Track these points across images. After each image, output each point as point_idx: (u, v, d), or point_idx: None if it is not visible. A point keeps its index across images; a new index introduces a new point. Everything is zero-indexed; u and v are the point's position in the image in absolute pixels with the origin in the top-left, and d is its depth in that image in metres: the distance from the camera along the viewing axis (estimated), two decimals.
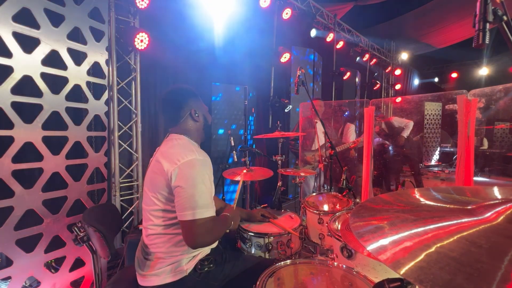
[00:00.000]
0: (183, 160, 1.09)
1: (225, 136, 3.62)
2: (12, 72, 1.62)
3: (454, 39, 7.01)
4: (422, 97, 6.18)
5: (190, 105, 1.28)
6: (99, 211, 1.38)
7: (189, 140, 1.25)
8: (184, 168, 1.08)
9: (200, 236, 1.07)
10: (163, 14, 3.25)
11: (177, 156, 1.11)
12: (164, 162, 1.11)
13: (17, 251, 1.68)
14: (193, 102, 1.29)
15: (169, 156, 1.13)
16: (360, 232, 0.53)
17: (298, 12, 4.73)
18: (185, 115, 1.26)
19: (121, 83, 2.90)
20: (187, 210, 1.05)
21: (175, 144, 1.20)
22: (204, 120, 1.34)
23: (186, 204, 1.05)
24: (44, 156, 1.78)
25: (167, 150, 1.17)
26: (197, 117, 1.29)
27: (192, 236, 1.06)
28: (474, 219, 0.48)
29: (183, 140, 1.22)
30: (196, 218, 1.05)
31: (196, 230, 1.05)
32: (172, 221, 1.14)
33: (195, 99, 1.31)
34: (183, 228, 1.08)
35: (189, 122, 1.28)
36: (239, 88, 3.75)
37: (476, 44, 0.85)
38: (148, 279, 1.13)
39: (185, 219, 1.05)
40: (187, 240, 1.07)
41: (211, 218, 1.10)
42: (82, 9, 1.94)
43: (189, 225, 1.05)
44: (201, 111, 1.32)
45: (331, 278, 1.07)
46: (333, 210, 1.82)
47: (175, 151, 1.15)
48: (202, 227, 1.06)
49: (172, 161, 1.10)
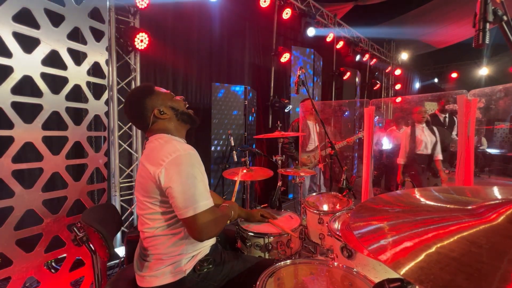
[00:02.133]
0: (167, 160, 1.05)
1: (225, 136, 3.62)
2: (12, 72, 1.62)
3: (454, 39, 7.01)
4: (422, 97, 6.18)
5: (149, 106, 1.18)
6: (99, 211, 1.38)
7: (171, 136, 1.19)
8: (170, 167, 1.05)
9: (205, 229, 1.06)
10: (163, 14, 3.25)
11: (160, 156, 1.07)
12: (149, 166, 1.08)
13: (17, 251, 1.68)
14: (151, 101, 1.18)
15: (153, 158, 1.09)
16: (360, 232, 0.53)
17: (298, 12, 4.73)
18: (150, 118, 1.18)
19: (121, 83, 2.90)
20: (185, 207, 1.04)
21: (157, 145, 1.14)
22: (172, 110, 1.22)
23: (183, 202, 1.04)
24: (44, 156, 1.78)
25: (150, 153, 1.13)
26: (163, 114, 1.19)
27: (197, 230, 1.05)
28: (474, 219, 0.48)
29: (164, 138, 1.16)
30: (196, 213, 1.04)
31: (200, 224, 1.05)
32: (168, 222, 1.13)
33: (151, 96, 1.19)
34: (186, 225, 1.08)
35: (159, 122, 1.20)
36: (239, 88, 3.75)
37: (476, 44, 0.85)
38: (147, 280, 1.12)
39: (186, 216, 1.04)
40: (193, 235, 1.07)
41: (211, 209, 1.09)
42: (82, 9, 1.94)
43: (192, 221, 1.05)
44: (164, 104, 1.20)
45: (331, 278, 1.07)
46: (333, 210, 1.82)
47: (157, 151, 1.10)
48: (204, 220, 1.05)
49: (156, 162, 1.06)
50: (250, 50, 4.56)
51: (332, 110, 4.57)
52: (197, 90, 3.77)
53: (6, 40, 1.59)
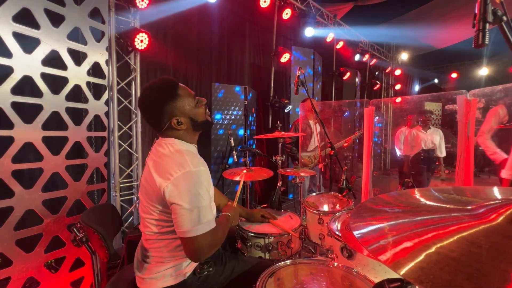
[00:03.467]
0: (176, 175, 1.00)
1: (225, 136, 3.62)
2: (12, 72, 1.62)
3: (454, 39, 7.01)
4: (422, 97, 6.19)
5: (168, 112, 1.09)
6: (99, 211, 1.38)
7: (182, 142, 1.14)
8: (178, 183, 0.99)
9: (202, 251, 1.02)
10: (163, 14, 3.25)
11: (169, 169, 1.01)
12: (156, 176, 1.03)
13: (17, 251, 1.67)
14: (171, 108, 1.09)
15: (161, 168, 1.04)
16: (360, 232, 0.53)
17: (298, 12, 4.74)
18: (166, 124, 1.11)
19: (121, 83, 2.90)
20: (186, 227, 1.00)
21: (166, 153, 1.08)
22: (191, 121, 1.15)
23: (185, 222, 1.00)
24: (44, 156, 1.78)
25: (158, 160, 1.08)
26: (181, 124, 1.11)
27: (195, 252, 1.02)
28: (474, 219, 0.48)
29: (174, 146, 1.10)
30: (196, 235, 1.00)
31: (198, 246, 1.01)
32: (169, 228, 1.10)
33: (172, 102, 1.10)
34: (183, 243, 1.04)
35: (174, 131, 1.13)
36: (239, 88, 3.76)
37: (476, 44, 0.85)
38: (147, 282, 1.11)
39: (185, 236, 1.00)
40: (190, 256, 1.04)
41: (211, 231, 1.05)
42: (82, 9, 1.94)
43: (190, 242, 1.01)
44: (184, 113, 1.12)
45: (331, 278, 1.07)
46: (333, 210, 1.82)
47: (167, 162, 1.04)
48: (203, 242, 1.02)
49: (164, 175, 1.02)
50: (250, 50, 4.56)
51: (332, 110, 4.57)
52: (197, 90, 3.76)
53: (6, 40, 1.59)
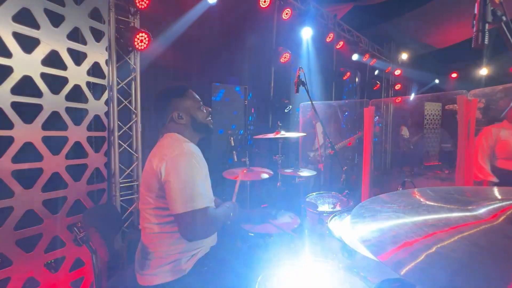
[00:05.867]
0: (170, 155, 1.09)
1: (225, 136, 3.62)
2: (12, 72, 1.62)
3: (454, 39, 7.01)
4: (422, 97, 6.18)
5: (173, 107, 1.25)
6: (99, 211, 1.38)
7: (181, 137, 1.25)
8: (172, 161, 1.07)
9: (195, 228, 1.04)
10: (163, 14, 3.25)
11: (165, 152, 1.12)
12: (154, 160, 1.12)
13: (17, 251, 1.67)
14: (175, 102, 1.26)
15: (158, 153, 1.14)
16: (360, 232, 0.53)
17: (298, 12, 4.73)
18: (168, 117, 1.25)
19: (121, 83, 2.89)
20: (177, 203, 1.03)
21: (165, 143, 1.20)
22: (191, 119, 1.28)
23: (176, 197, 1.03)
24: (44, 156, 1.78)
25: (157, 150, 1.19)
26: (181, 119, 1.25)
27: (187, 228, 1.04)
28: (474, 220, 0.48)
29: (174, 137, 1.23)
30: (188, 211, 1.02)
31: (190, 222, 1.03)
32: (167, 219, 1.13)
33: (179, 98, 1.28)
34: (177, 221, 1.06)
35: (174, 124, 1.26)
36: (239, 88, 3.76)
37: (475, 45, 0.84)
38: (148, 279, 1.13)
39: (177, 212, 1.03)
40: (183, 233, 1.06)
41: (205, 209, 1.07)
42: (82, 9, 1.93)
43: (183, 218, 1.03)
44: (186, 111, 1.27)
45: (331, 279, 1.07)
46: (333, 210, 1.82)
47: (164, 148, 1.16)
48: (196, 219, 1.03)
49: (160, 157, 1.10)
50: (250, 50, 4.55)
51: (332, 110, 4.57)
52: (197, 90, 3.74)
53: (6, 40, 1.59)
